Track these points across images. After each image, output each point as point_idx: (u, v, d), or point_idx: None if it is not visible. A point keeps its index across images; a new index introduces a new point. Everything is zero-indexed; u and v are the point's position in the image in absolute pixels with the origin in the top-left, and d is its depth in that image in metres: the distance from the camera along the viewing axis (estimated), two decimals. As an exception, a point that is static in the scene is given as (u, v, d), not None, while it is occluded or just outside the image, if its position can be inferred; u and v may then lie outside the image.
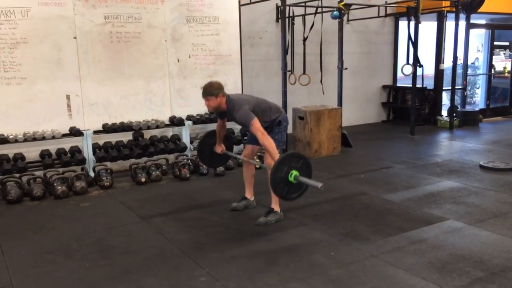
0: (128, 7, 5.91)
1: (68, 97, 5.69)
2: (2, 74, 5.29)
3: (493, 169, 5.84)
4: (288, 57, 7.32)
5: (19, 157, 5.31)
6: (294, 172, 3.54)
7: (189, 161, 5.89)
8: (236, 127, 6.43)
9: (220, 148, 4.47)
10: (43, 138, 5.40)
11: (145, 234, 3.97)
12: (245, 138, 6.17)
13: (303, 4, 7.59)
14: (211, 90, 3.96)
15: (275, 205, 4.17)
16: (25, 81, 5.41)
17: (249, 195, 4.55)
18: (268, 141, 3.79)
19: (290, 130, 7.01)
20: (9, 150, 5.30)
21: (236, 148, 5.70)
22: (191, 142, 6.33)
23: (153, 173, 5.60)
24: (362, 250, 3.54)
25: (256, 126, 3.83)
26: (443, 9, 8.90)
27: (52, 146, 5.55)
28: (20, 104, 5.42)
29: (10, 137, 5.23)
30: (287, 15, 7.07)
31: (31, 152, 5.48)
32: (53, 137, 5.45)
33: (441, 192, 5.00)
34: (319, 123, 6.75)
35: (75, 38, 5.64)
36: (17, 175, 5.18)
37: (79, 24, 5.64)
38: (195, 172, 5.90)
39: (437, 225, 4.03)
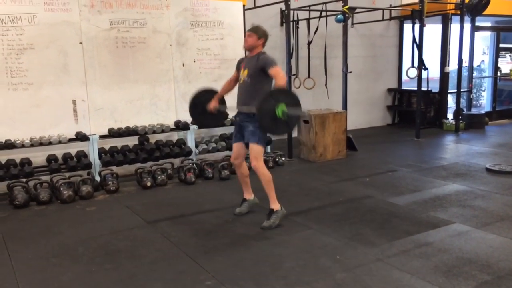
0: (133, 12, 5.96)
1: (74, 102, 5.74)
2: (9, 80, 5.34)
3: (500, 172, 5.81)
4: (293, 61, 7.34)
5: (26, 162, 5.35)
6: (281, 108, 3.61)
7: (194, 165, 5.91)
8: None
9: (214, 104, 4.39)
10: (50, 143, 5.44)
11: (150, 238, 3.98)
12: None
13: (308, 8, 7.60)
14: (257, 30, 4.13)
15: (274, 204, 4.15)
16: (31, 86, 5.46)
17: (248, 195, 4.54)
18: (281, 75, 3.90)
19: (295, 133, 7.06)
20: (16, 155, 5.34)
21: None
22: (196, 146, 6.35)
23: (159, 177, 5.62)
24: (367, 254, 3.53)
25: (279, 69, 3.94)
26: (448, 12, 8.88)
27: (59, 151, 5.59)
28: (27, 109, 5.47)
29: (17, 142, 5.28)
30: (291, 19, 7.10)
31: (38, 157, 5.52)
32: (60, 142, 5.49)
33: (447, 195, 4.99)
34: (324, 126, 6.75)
35: (81, 43, 5.69)
36: (24, 179, 5.22)
37: (85, 30, 5.69)
38: (201, 176, 5.92)
39: (443, 229, 4.01)
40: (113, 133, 5.85)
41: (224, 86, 4.48)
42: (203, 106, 4.43)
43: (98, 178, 5.58)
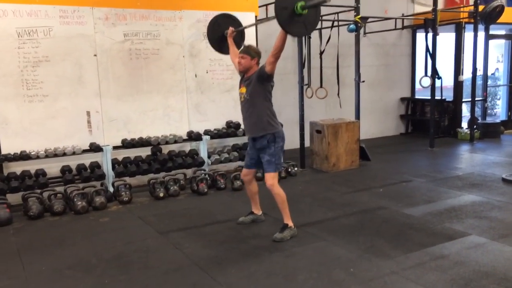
0: (147, 24, 6.02)
1: (88, 113, 5.80)
2: (25, 92, 5.42)
3: (516, 182, 5.71)
4: (305, 70, 7.33)
5: (41, 173, 5.40)
6: (300, 3, 3.52)
7: (207, 175, 5.91)
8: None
9: (231, 30, 4.56)
10: (64, 154, 5.49)
11: (163, 249, 3.98)
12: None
13: (320, 18, 7.60)
14: (249, 51, 4.13)
15: (288, 221, 4.15)
16: (47, 98, 5.53)
17: (256, 210, 4.56)
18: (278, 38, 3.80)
19: (307, 143, 7.03)
20: (31, 166, 5.41)
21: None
22: (209, 157, 6.36)
23: (171, 188, 5.63)
24: (382, 266, 3.48)
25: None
26: (461, 20, 8.82)
27: (73, 162, 5.64)
28: (42, 120, 5.54)
29: (32, 153, 5.34)
30: (303, 29, 7.09)
31: (52, 168, 5.58)
32: (74, 153, 5.54)
33: (462, 206, 4.91)
34: (337, 136, 6.72)
35: (95, 55, 5.76)
36: (39, 190, 5.27)
37: (99, 42, 5.76)
38: (213, 187, 5.92)
39: (459, 241, 3.94)
40: (127, 144, 5.89)
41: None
42: (222, 31, 4.66)
43: (111, 189, 5.61)
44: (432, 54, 8.01)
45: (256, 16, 6.83)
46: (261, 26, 7.28)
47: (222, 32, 4.70)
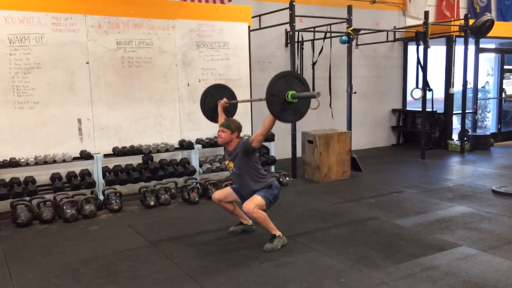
0: (140, 33, 6.03)
1: (79, 121, 5.76)
2: (16, 99, 5.38)
3: (506, 194, 5.74)
4: (297, 81, 7.36)
5: (30, 180, 5.35)
6: (291, 92, 3.62)
7: (198, 184, 5.89)
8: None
9: (223, 100, 4.60)
10: (54, 162, 5.45)
11: (153, 259, 3.94)
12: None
13: (312, 29, 7.67)
14: (229, 125, 4.14)
15: (275, 231, 4.12)
16: (37, 105, 5.50)
17: (245, 221, 4.54)
18: (266, 121, 3.85)
19: (299, 153, 7.04)
20: (21, 173, 5.35)
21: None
22: (201, 166, 6.34)
23: (162, 196, 5.60)
24: (373, 277, 3.48)
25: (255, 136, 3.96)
26: (452, 33, 8.93)
27: (63, 169, 5.59)
28: (33, 127, 5.50)
29: (22, 160, 5.29)
30: (296, 40, 7.15)
31: (42, 175, 5.53)
32: (64, 161, 5.50)
33: (453, 217, 4.93)
34: (329, 147, 6.74)
35: (87, 63, 5.74)
36: (28, 198, 5.21)
37: (91, 50, 5.75)
38: (204, 196, 5.89)
39: (449, 252, 3.95)
40: (118, 152, 5.86)
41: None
42: (215, 102, 4.70)
43: (101, 197, 5.57)
44: (423, 66, 8.10)
45: (249, 27, 6.87)
46: (254, 37, 7.33)
47: (215, 102, 4.72)
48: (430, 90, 8.24)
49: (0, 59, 5.26)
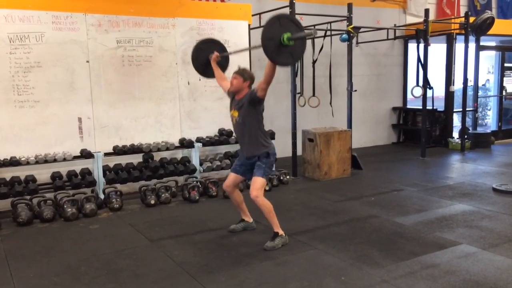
0: (140, 31, 6.02)
1: (80, 119, 5.76)
2: (16, 97, 5.38)
3: (507, 192, 5.74)
4: (298, 79, 7.36)
5: (31, 179, 5.35)
6: (286, 34, 3.55)
7: (198, 183, 5.89)
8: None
9: (215, 55, 4.55)
10: (55, 160, 5.45)
11: (153, 257, 3.94)
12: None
13: (312, 27, 7.65)
14: (243, 73, 4.16)
15: (278, 229, 4.14)
16: (38, 104, 5.50)
17: (246, 218, 4.55)
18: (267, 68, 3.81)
19: (299, 152, 7.04)
20: (21, 172, 5.35)
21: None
22: (201, 164, 6.34)
23: (163, 195, 5.60)
24: (373, 275, 3.48)
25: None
26: (453, 31, 8.92)
27: (63, 168, 5.59)
28: (33, 126, 5.50)
29: (22, 159, 5.29)
30: (296, 38, 7.13)
31: (42, 174, 5.53)
32: (64, 159, 5.50)
33: (453, 215, 4.93)
34: (329, 145, 6.74)
35: (87, 62, 5.74)
36: (28, 197, 5.22)
37: (92, 48, 5.75)
38: (205, 194, 5.89)
39: (449, 250, 3.95)
40: (118, 151, 5.86)
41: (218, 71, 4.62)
42: (206, 56, 4.61)
43: (102, 196, 5.57)
44: (423, 64, 8.09)
45: (249, 25, 6.87)
46: (254, 35, 7.31)
47: (206, 57, 4.65)
48: (431, 88, 8.23)
49: (0, 58, 5.26)
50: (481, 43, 9.41)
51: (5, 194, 5.12)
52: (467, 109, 9.13)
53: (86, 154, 5.64)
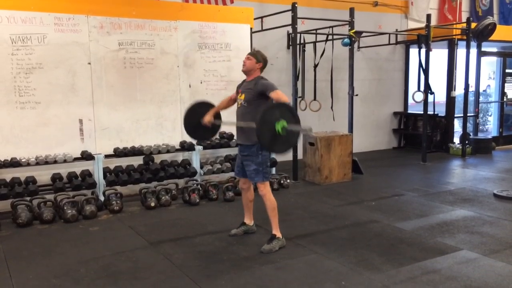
0: (142, 34, 6.03)
1: (81, 121, 5.76)
2: (17, 99, 5.38)
3: (508, 198, 5.73)
4: (299, 83, 7.37)
5: (31, 180, 5.34)
6: (281, 123, 3.54)
7: (199, 186, 5.88)
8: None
9: (208, 118, 4.39)
10: (55, 162, 5.45)
11: (153, 260, 3.93)
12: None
13: (314, 31, 7.67)
14: (257, 54, 4.17)
15: (277, 231, 4.14)
16: (39, 105, 5.50)
17: (248, 220, 4.54)
18: (283, 97, 3.91)
19: (300, 155, 7.03)
20: (21, 173, 5.34)
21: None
22: (201, 167, 6.34)
23: (163, 197, 5.59)
24: (373, 280, 3.46)
25: (280, 92, 3.95)
26: (454, 37, 8.93)
27: (64, 170, 5.59)
28: (34, 128, 5.50)
29: (23, 160, 5.28)
30: (298, 42, 7.15)
31: (43, 175, 5.52)
32: (65, 161, 5.49)
33: (454, 221, 4.91)
34: (330, 149, 6.73)
35: (89, 63, 5.75)
36: (28, 198, 5.21)
37: (93, 50, 5.76)
38: (205, 197, 5.88)
39: (450, 255, 3.94)
40: (119, 153, 5.85)
41: (222, 102, 4.51)
42: (198, 118, 4.43)
43: (102, 198, 5.56)
44: (425, 69, 8.09)
45: (251, 28, 6.87)
46: (256, 38, 7.33)
47: (198, 120, 4.44)
48: (432, 93, 8.23)
49: (2, 59, 5.27)
50: (483, 49, 9.42)
51: (5, 195, 5.11)
52: (468, 114, 9.13)
53: (86, 156, 5.63)
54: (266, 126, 3.56)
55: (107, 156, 5.81)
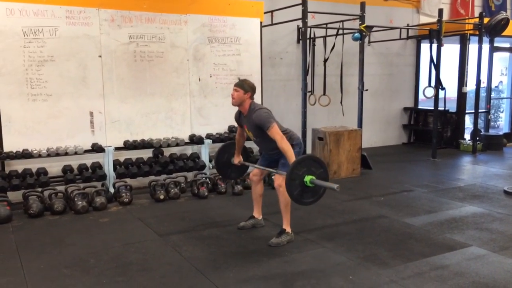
0: (152, 27, 6.05)
1: (91, 114, 5.81)
2: (29, 91, 5.44)
3: (518, 195, 5.69)
4: (309, 77, 7.34)
5: (42, 171, 5.41)
6: (310, 176, 3.56)
7: (207, 179, 5.91)
8: (255, 147, 6.41)
9: (238, 159, 4.49)
10: (66, 154, 5.50)
11: (162, 252, 3.97)
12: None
13: (325, 26, 7.63)
14: (243, 84, 4.07)
15: (287, 226, 4.15)
16: (50, 97, 5.55)
17: (257, 214, 4.55)
18: (286, 145, 3.82)
19: (309, 150, 7.03)
20: (33, 165, 5.41)
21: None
22: (210, 161, 6.36)
23: (172, 190, 5.63)
24: (381, 275, 3.47)
25: (275, 129, 3.88)
26: (466, 32, 8.83)
27: (74, 162, 5.64)
28: (45, 120, 5.55)
29: (34, 152, 5.35)
30: (308, 36, 7.12)
31: (54, 167, 5.59)
32: (76, 153, 5.55)
33: (463, 217, 4.89)
34: (339, 144, 6.72)
35: (100, 56, 5.78)
36: (39, 189, 5.27)
37: (104, 43, 5.79)
38: (213, 191, 5.91)
39: (459, 251, 3.92)
40: (129, 146, 5.90)
41: (238, 142, 4.48)
42: (228, 160, 4.55)
43: (112, 190, 5.61)
44: (436, 64, 8.02)
45: (261, 22, 6.86)
46: (266, 32, 7.31)
47: (228, 160, 4.56)
48: (443, 88, 8.16)
49: (14, 51, 5.32)
50: (495, 44, 9.29)
51: (17, 186, 5.19)
52: (479, 110, 9.04)
53: (97, 148, 5.68)
54: (294, 182, 3.56)
55: (117, 149, 5.86)
